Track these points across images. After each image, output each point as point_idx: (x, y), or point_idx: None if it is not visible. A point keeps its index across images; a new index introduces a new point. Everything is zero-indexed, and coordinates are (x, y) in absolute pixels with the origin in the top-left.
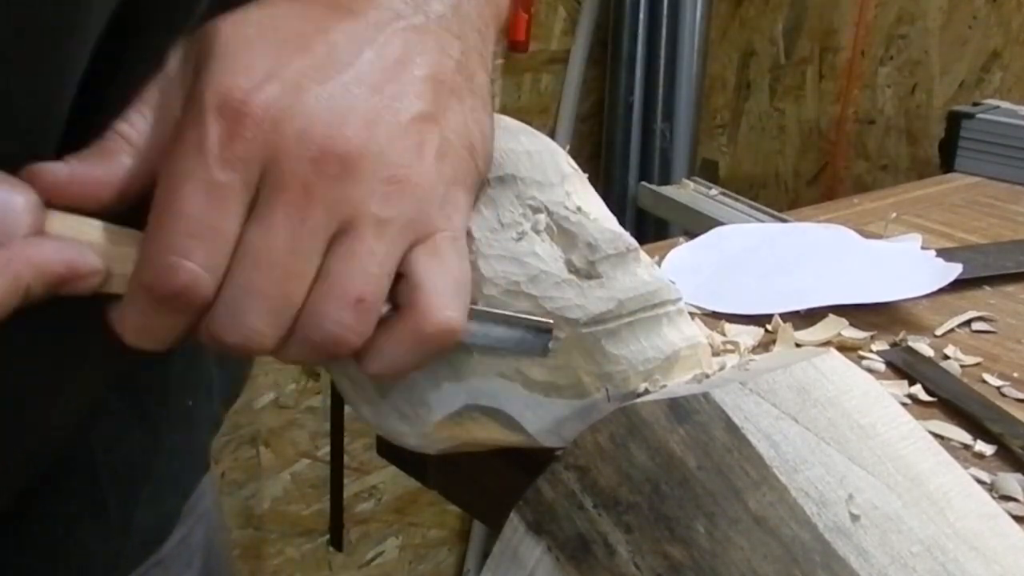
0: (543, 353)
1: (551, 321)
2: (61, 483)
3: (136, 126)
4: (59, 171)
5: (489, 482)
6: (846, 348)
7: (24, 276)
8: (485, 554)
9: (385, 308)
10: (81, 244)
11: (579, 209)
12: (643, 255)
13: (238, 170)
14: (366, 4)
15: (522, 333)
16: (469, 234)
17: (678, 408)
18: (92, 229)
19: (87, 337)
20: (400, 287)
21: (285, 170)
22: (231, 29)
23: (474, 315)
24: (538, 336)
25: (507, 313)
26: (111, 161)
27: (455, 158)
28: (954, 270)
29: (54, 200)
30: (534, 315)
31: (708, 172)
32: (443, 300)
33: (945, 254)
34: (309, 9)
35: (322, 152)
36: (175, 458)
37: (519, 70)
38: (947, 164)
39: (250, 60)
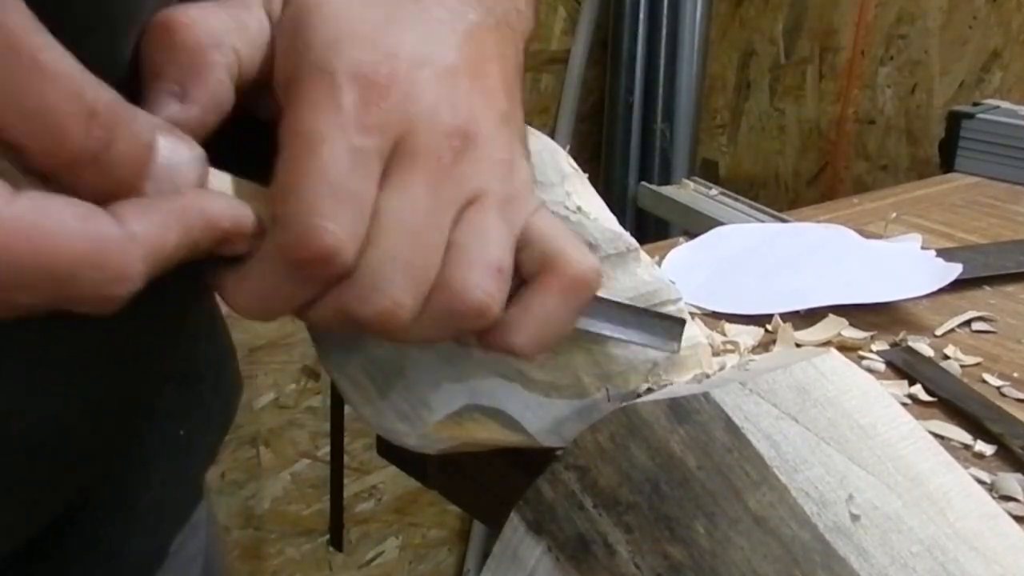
0: (675, 348)
1: (683, 318)
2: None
3: (208, 15)
4: (177, 110)
5: (489, 482)
6: (846, 348)
7: (196, 227)
8: (485, 554)
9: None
10: (241, 202)
11: (579, 209)
12: (643, 255)
13: (376, 137)
14: None
15: (653, 324)
16: None
17: (678, 408)
18: (244, 187)
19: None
20: (525, 261)
21: (420, 142)
22: None
23: (600, 301)
24: (671, 328)
25: (637, 306)
26: (218, 91)
27: (522, 154)
28: (954, 270)
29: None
30: None
31: (708, 172)
32: (577, 250)
33: (945, 254)
34: None
35: (454, 128)
36: (168, 487)
37: None
38: (947, 164)
39: (367, 32)
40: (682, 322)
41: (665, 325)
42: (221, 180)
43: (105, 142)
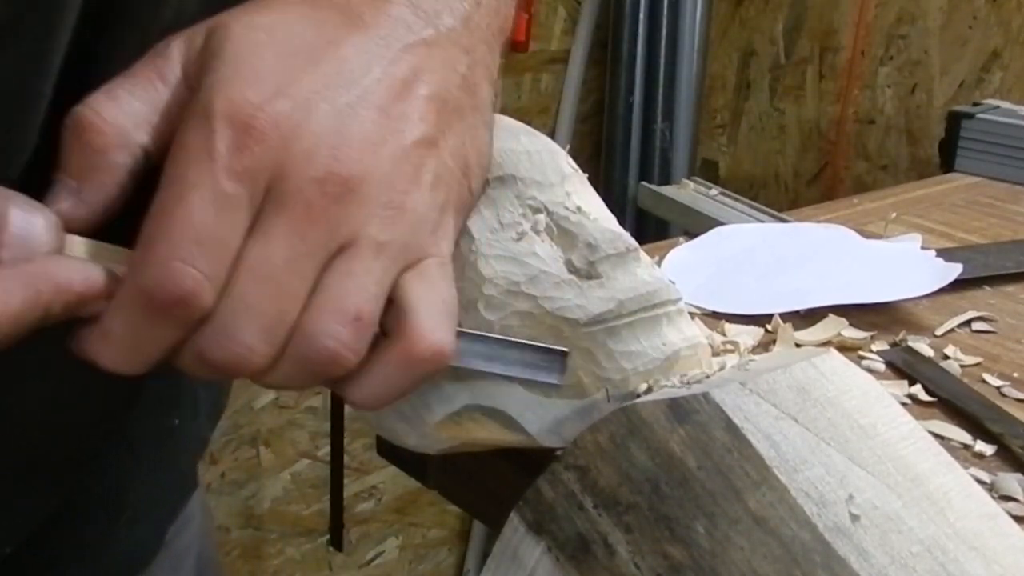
0: (557, 380)
1: (564, 349)
2: None
3: (120, 108)
4: (68, 205)
5: (489, 482)
6: (846, 348)
7: (45, 292)
8: (485, 554)
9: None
10: (97, 266)
11: (579, 209)
12: (643, 255)
13: (245, 183)
14: (377, 14)
15: (532, 358)
16: (469, 234)
17: (678, 408)
18: (107, 252)
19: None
20: (389, 313)
21: (290, 188)
22: (242, 32)
23: (480, 340)
24: (551, 362)
25: (517, 340)
26: (111, 173)
27: (450, 183)
28: (954, 270)
29: (67, 226)
30: (534, 314)
31: (708, 172)
32: (432, 323)
33: (945, 254)
34: (320, 16)
35: (327, 173)
36: (158, 477)
37: (519, 70)
38: (947, 164)
39: (260, 71)
40: (564, 353)
41: (547, 358)
42: (80, 245)
43: None
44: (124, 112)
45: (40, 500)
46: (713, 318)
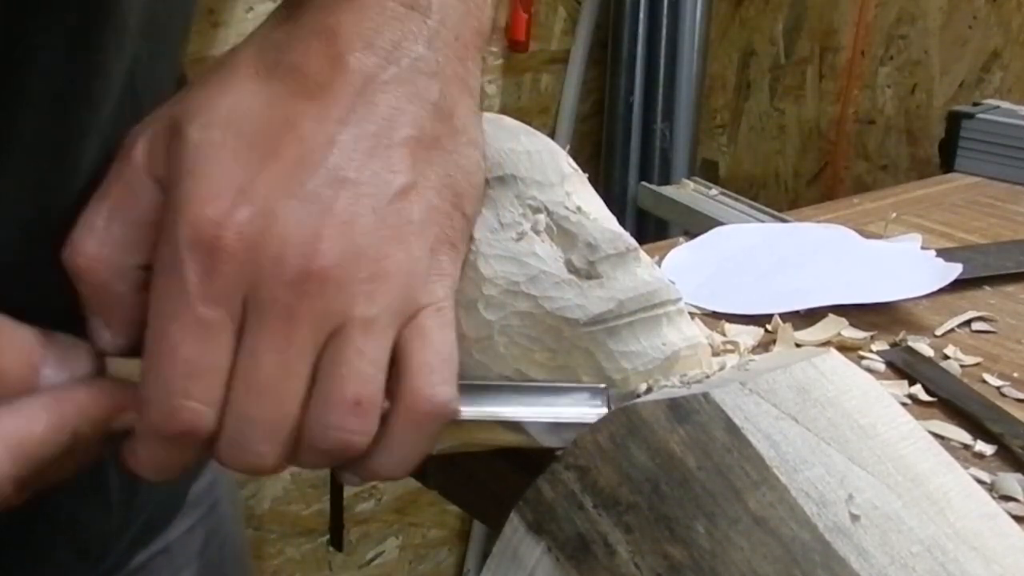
0: (605, 408)
1: (603, 385)
2: None
3: (101, 241)
4: (106, 338)
5: (489, 482)
6: (846, 348)
7: (69, 415)
8: (485, 554)
9: (385, 404)
10: (125, 386)
11: (579, 209)
12: (643, 255)
13: (221, 304)
14: (332, 73)
15: (577, 394)
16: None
17: (678, 408)
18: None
19: None
20: (392, 376)
21: (265, 297)
22: (196, 136)
23: (515, 390)
24: (593, 398)
25: (549, 383)
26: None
27: (438, 220)
28: (954, 270)
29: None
30: (534, 314)
31: (708, 172)
32: (430, 378)
33: (945, 254)
34: (273, 88)
35: (299, 273)
36: None
37: (519, 70)
38: (947, 164)
39: (218, 180)
40: (604, 389)
41: (588, 392)
42: (123, 365)
43: None
44: (106, 243)
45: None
46: (713, 318)
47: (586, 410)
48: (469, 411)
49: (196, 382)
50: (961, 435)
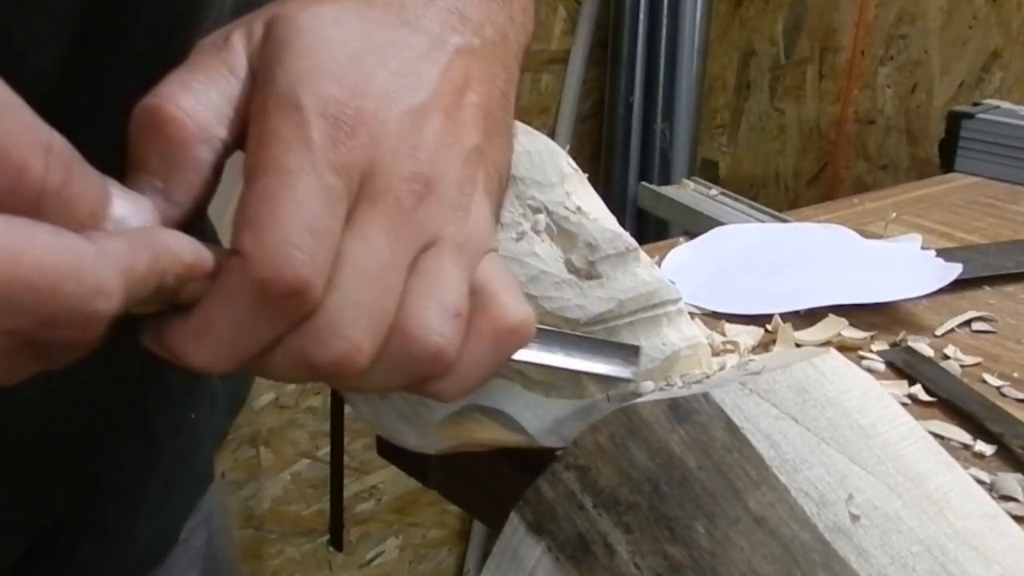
0: (634, 373)
1: (637, 344)
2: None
3: (197, 100)
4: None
5: (489, 482)
6: (846, 348)
7: (163, 256)
8: (485, 554)
9: None
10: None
11: (579, 209)
12: (643, 255)
13: (343, 176)
14: (429, 15)
15: (610, 359)
16: None
17: (678, 408)
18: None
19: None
20: (471, 305)
21: (382, 185)
22: (310, 24)
23: (555, 335)
24: (627, 354)
25: (592, 337)
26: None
27: (495, 193)
28: (954, 270)
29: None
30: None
31: (708, 172)
32: (514, 298)
33: (945, 254)
34: (377, 15)
35: (412, 172)
36: (176, 470)
37: None
38: (947, 164)
39: (338, 67)
40: (637, 348)
41: (622, 352)
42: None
43: (63, 178)
44: (203, 104)
45: (57, 492)
46: (713, 318)
47: (622, 368)
48: (526, 354)
49: (316, 242)
50: (961, 435)
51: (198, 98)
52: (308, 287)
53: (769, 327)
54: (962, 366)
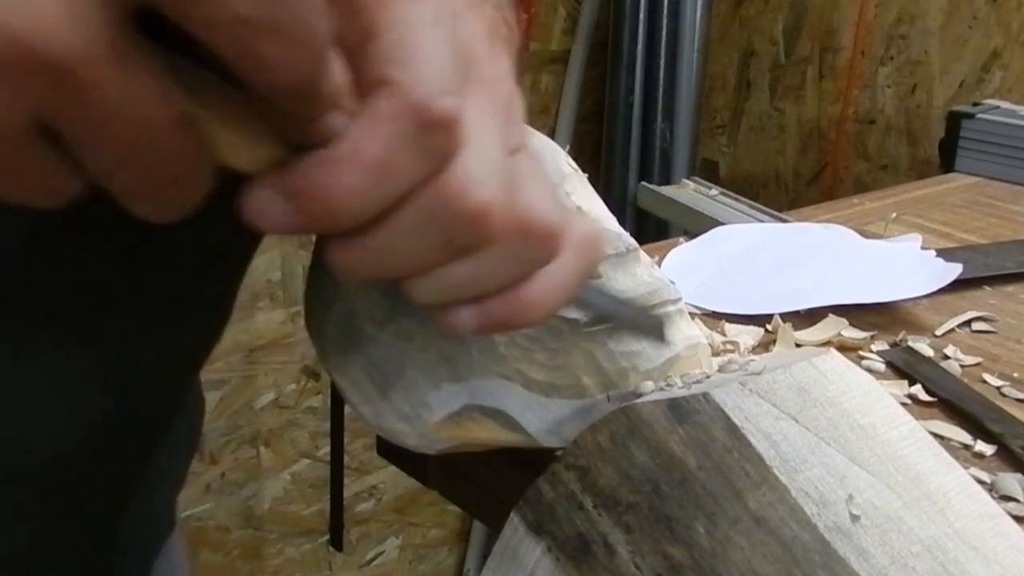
0: (659, 335)
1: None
2: None
3: None
4: None
5: (489, 482)
6: (846, 348)
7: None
8: (485, 554)
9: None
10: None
11: (579, 209)
12: (643, 255)
13: (462, 49)
14: (492, 40)
15: (648, 317)
16: None
17: (678, 408)
18: None
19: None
20: None
21: (475, 72)
22: (414, 16)
23: (598, 292)
24: (660, 323)
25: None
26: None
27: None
28: (954, 270)
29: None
30: None
31: (708, 172)
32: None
33: (945, 254)
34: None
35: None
36: (138, 522)
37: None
38: (947, 164)
39: (441, 66)
40: (662, 321)
41: (655, 321)
42: None
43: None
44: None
45: (27, 528)
46: (713, 318)
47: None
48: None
49: (456, 85)
50: (961, 435)
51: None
52: (458, 121)
53: (769, 327)
54: (962, 366)
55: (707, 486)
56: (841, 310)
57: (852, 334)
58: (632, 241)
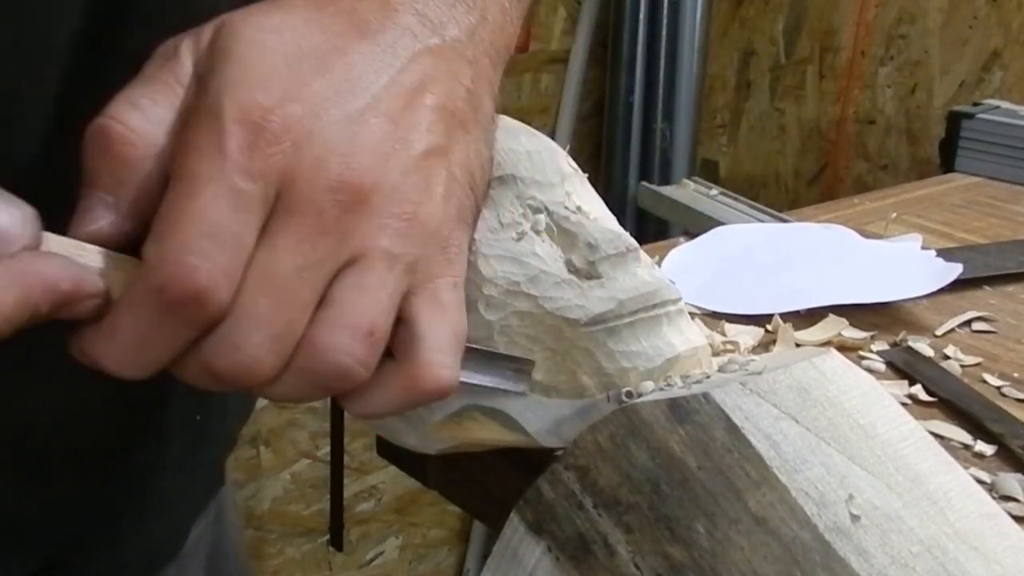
0: (522, 392)
1: (532, 359)
2: None
3: (145, 116)
4: (107, 221)
5: (489, 482)
6: (846, 348)
7: (34, 290)
8: (485, 554)
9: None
10: (82, 265)
11: (579, 209)
12: (643, 255)
13: (258, 182)
14: (383, 21)
15: (502, 373)
16: None
17: (678, 408)
18: (88, 252)
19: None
20: (398, 333)
21: (301, 194)
22: (250, 33)
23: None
24: (518, 375)
25: (488, 349)
26: (125, 168)
27: (459, 195)
28: (954, 270)
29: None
30: (534, 314)
31: (708, 172)
32: (442, 357)
33: (945, 254)
34: (327, 21)
35: (339, 181)
36: (183, 472)
37: (519, 70)
38: (947, 164)
39: (270, 73)
40: (531, 363)
41: (513, 366)
42: (60, 243)
43: None
44: (150, 120)
45: (72, 495)
46: (713, 318)
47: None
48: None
49: (220, 248)
50: (961, 435)
51: (145, 114)
52: (205, 293)
53: (769, 327)
54: (962, 366)
55: (707, 486)
56: (841, 310)
57: (852, 334)
58: (632, 241)
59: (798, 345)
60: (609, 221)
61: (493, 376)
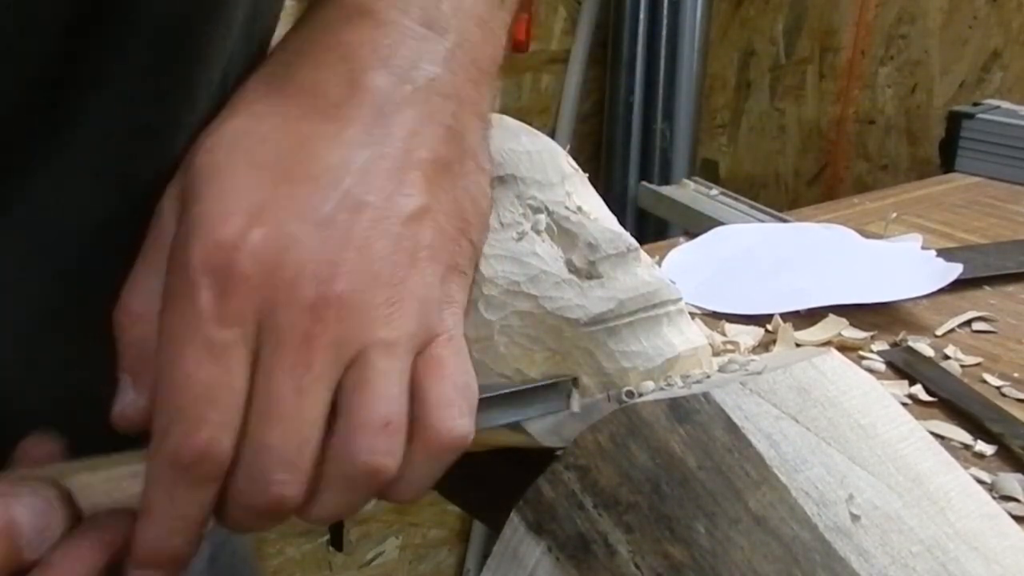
0: (574, 407)
1: (573, 375)
2: None
3: (139, 295)
4: (130, 398)
5: (489, 482)
6: (846, 348)
7: None
8: (485, 554)
9: None
10: (118, 512)
11: (579, 209)
12: (643, 255)
13: (236, 326)
14: (347, 91)
15: (545, 402)
16: None
17: (678, 408)
18: (112, 472)
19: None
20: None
21: (282, 321)
22: (205, 159)
23: (492, 400)
24: (560, 390)
25: (526, 387)
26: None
27: (449, 246)
28: (954, 270)
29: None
30: (535, 314)
31: (708, 172)
32: (450, 412)
33: (945, 254)
34: (289, 109)
35: (317, 298)
36: None
37: (519, 70)
38: (947, 164)
39: (232, 204)
40: (574, 380)
41: (556, 390)
42: (91, 484)
43: None
44: (147, 299)
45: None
46: (713, 318)
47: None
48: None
49: (211, 405)
50: (961, 435)
51: (143, 295)
52: (210, 449)
53: (769, 327)
54: (962, 366)
55: (707, 486)
56: (841, 310)
57: (852, 334)
58: (632, 241)
59: (798, 345)
60: (609, 221)
61: (538, 407)
